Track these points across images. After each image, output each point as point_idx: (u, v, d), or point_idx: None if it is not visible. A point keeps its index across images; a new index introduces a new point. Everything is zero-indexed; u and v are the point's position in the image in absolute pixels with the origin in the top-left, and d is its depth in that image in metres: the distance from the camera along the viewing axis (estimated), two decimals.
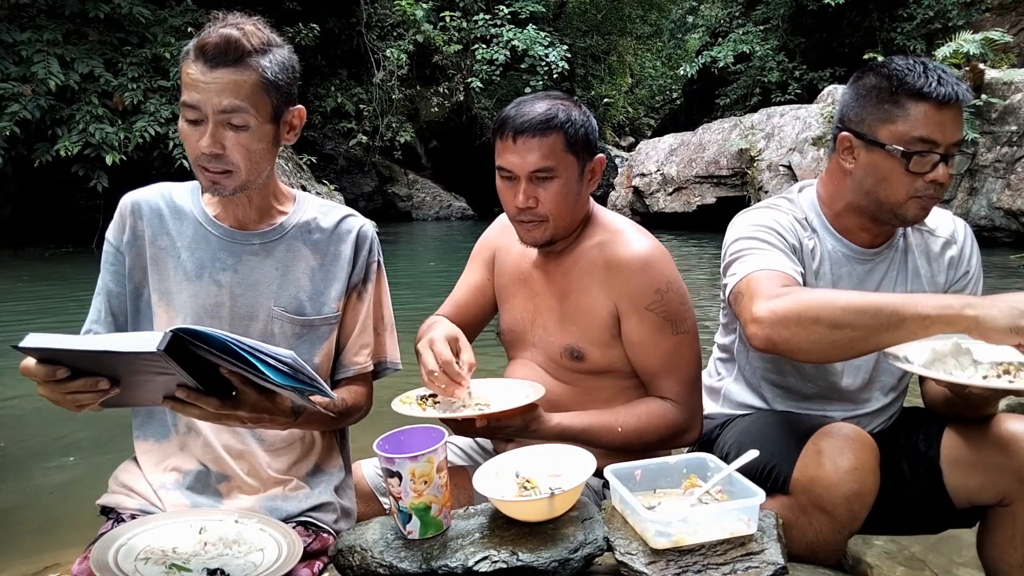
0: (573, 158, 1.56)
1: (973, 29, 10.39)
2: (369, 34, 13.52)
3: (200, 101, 1.31)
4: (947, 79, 1.45)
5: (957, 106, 1.45)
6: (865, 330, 1.30)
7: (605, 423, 1.56)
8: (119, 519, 1.41)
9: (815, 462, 1.40)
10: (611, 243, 1.62)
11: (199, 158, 1.35)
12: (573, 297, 1.64)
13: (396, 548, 1.25)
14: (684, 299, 1.62)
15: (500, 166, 1.58)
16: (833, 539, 1.43)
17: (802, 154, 10.53)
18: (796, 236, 1.59)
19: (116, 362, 1.10)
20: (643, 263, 1.58)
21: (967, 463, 1.52)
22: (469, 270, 1.88)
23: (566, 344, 1.64)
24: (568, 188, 1.57)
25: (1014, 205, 8.91)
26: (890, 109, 1.47)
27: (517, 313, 1.76)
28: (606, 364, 1.64)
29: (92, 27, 9.27)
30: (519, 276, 1.76)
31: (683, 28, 20.13)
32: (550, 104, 1.56)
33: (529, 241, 1.63)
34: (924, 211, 1.51)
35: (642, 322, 1.58)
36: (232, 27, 1.32)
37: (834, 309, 1.31)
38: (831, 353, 1.37)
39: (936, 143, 1.44)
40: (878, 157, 1.49)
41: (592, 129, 1.60)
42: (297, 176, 10.54)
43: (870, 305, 1.30)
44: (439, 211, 15.63)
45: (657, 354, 1.60)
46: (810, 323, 1.32)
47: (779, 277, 1.44)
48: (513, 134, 1.53)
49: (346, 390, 1.52)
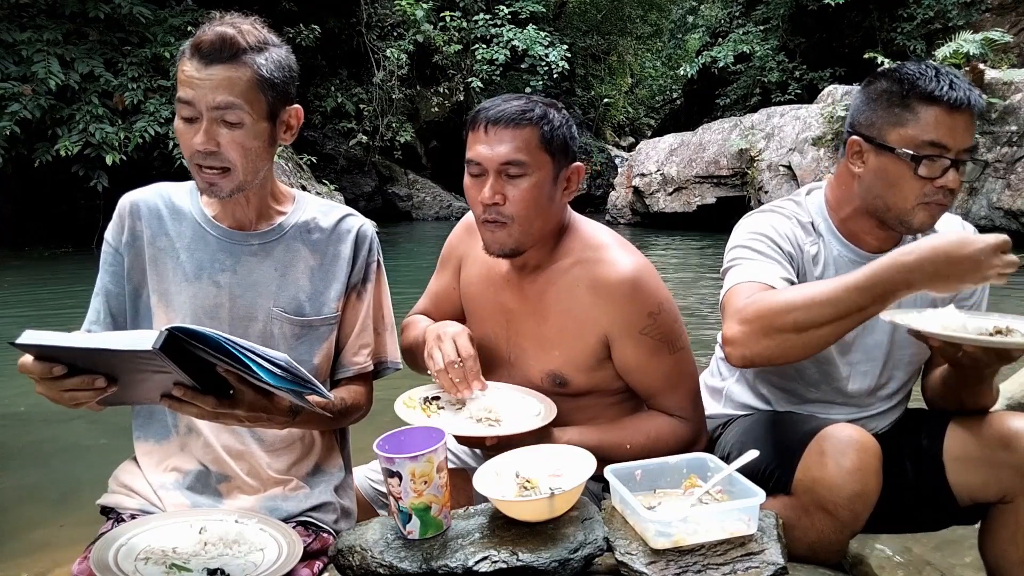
0: (547, 158, 1.46)
1: (973, 29, 10.38)
2: (369, 34, 13.51)
3: (194, 97, 1.31)
4: (959, 84, 1.44)
5: (969, 111, 1.44)
6: (830, 325, 1.32)
7: (614, 441, 1.52)
8: (119, 519, 1.41)
9: (818, 463, 1.40)
10: (595, 262, 1.52)
11: (194, 156, 1.35)
12: (553, 320, 1.56)
13: (396, 548, 1.25)
14: (676, 317, 1.56)
15: (469, 159, 1.48)
16: (835, 540, 1.43)
17: (802, 154, 10.52)
18: (795, 243, 1.58)
19: (113, 360, 1.10)
20: (632, 286, 1.49)
21: (970, 460, 1.52)
22: (437, 276, 1.79)
23: (548, 370, 1.58)
24: (539, 190, 1.46)
25: (1014, 205, 8.90)
26: (901, 113, 1.46)
27: (488, 329, 1.66)
28: (590, 387, 1.59)
29: (92, 27, 9.25)
30: (488, 288, 1.65)
31: (683, 28, 20.11)
32: (528, 100, 1.48)
33: (494, 247, 1.50)
34: (932, 219, 1.50)
35: (638, 347, 1.52)
36: (228, 25, 1.33)
37: (794, 313, 1.33)
38: (808, 351, 1.39)
39: (947, 147, 1.44)
40: (887, 161, 1.48)
41: (571, 135, 1.51)
42: (297, 176, 10.53)
43: (828, 297, 1.31)
44: (439, 211, 15.61)
45: (657, 376, 1.56)
46: (775, 333, 1.34)
47: (758, 289, 1.44)
48: (485, 124, 1.45)
49: (346, 390, 1.52)
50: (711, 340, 1.96)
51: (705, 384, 1.86)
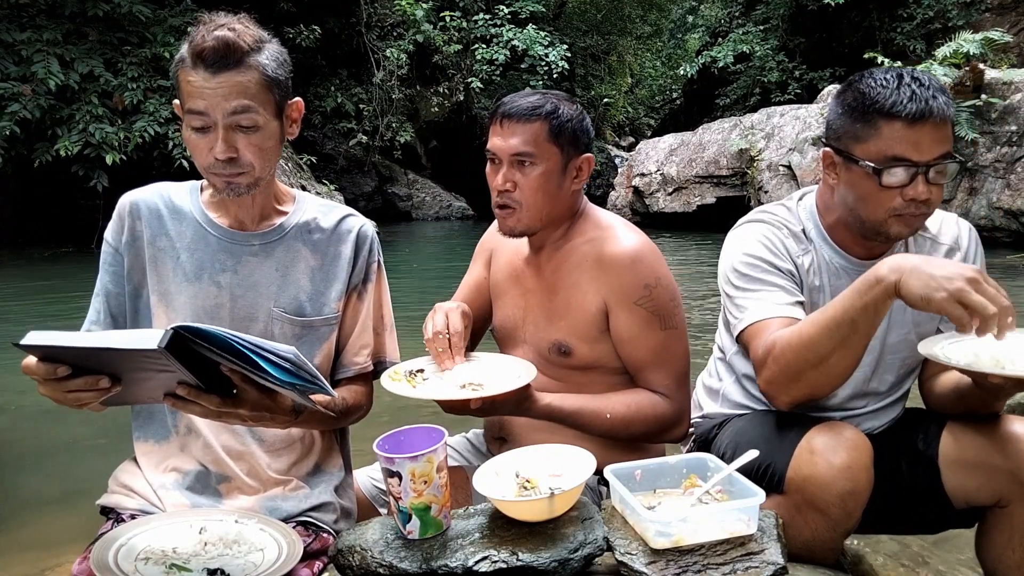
0: (556, 149, 1.58)
1: (973, 29, 10.38)
2: (369, 34, 13.50)
3: (207, 107, 1.31)
4: (921, 94, 1.39)
5: (932, 121, 1.39)
6: (843, 350, 1.35)
7: (595, 408, 1.58)
8: (119, 519, 1.41)
9: (808, 461, 1.40)
10: (601, 239, 1.64)
11: (212, 165, 1.35)
12: (562, 293, 1.66)
13: (396, 548, 1.25)
14: (674, 295, 1.62)
15: (487, 149, 1.63)
16: (829, 538, 1.43)
17: (802, 154, 10.52)
18: (790, 256, 1.58)
19: (117, 359, 1.10)
20: (632, 258, 1.59)
21: (965, 463, 1.51)
22: (471, 269, 1.91)
23: (554, 339, 1.66)
24: (547, 179, 1.59)
25: (1014, 205, 8.90)
26: (863, 128, 1.44)
27: (509, 310, 1.77)
28: (593, 359, 1.64)
29: (92, 27, 9.26)
30: (512, 273, 1.77)
31: (683, 28, 20.13)
32: (543, 96, 1.61)
33: (505, 229, 1.65)
34: (909, 228, 1.47)
35: (631, 317, 1.59)
36: (223, 28, 1.31)
37: (806, 353, 1.37)
38: (838, 378, 1.42)
39: (910, 161, 1.40)
40: (855, 175, 1.47)
41: (583, 128, 1.62)
42: (297, 176, 10.53)
43: (829, 325, 1.35)
44: (439, 211, 15.62)
45: (646, 349, 1.61)
46: (799, 375, 1.40)
47: (779, 326, 1.46)
48: (500, 118, 1.60)
49: (346, 390, 1.52)
50: (709, 341, 1.96)
51: (703, 385, 1.87)
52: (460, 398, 1.43)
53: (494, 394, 1.43)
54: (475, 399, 1.42)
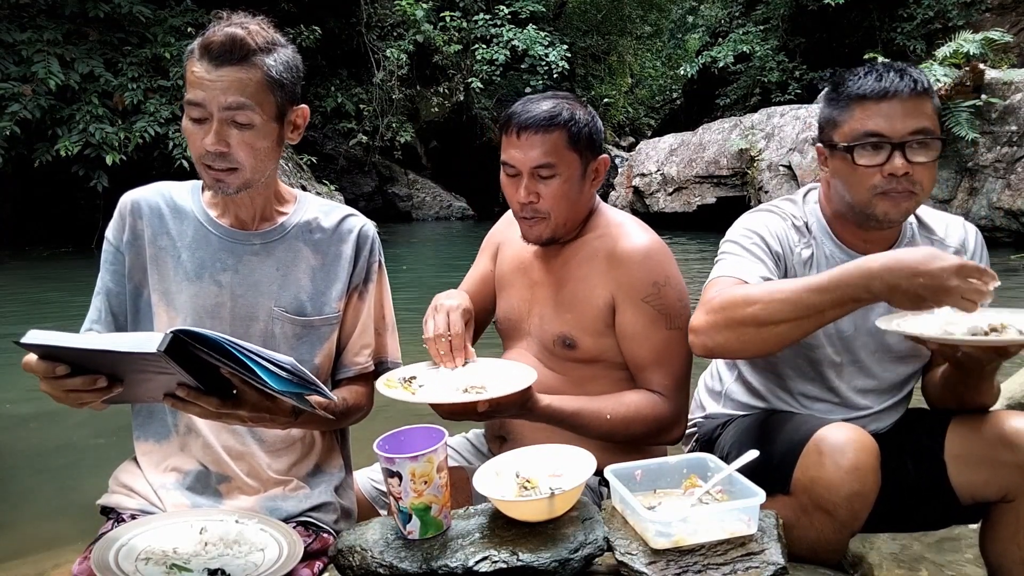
0: (575, 156, 1.58)
1: (973, 29, 10.36)
2: (369, 34, 13.50)
3: (205, 99, 1.31)
4: (888, 75, 1.48)
5: (900, 96, 1.46)
6: (788, 323, 1.35)
7: (594, 409, 1.57)
8: (119, 519, 1.41)
9: (816, 462, 1.40)
10: (614, 235, 1.64)
11: (203, 156, 1.35)
12: (570, 285, 1.66)
13: (396, 548, 1.25)
14: (682, 295, 1.62)
15: (504, 161, 1.61)
16: (834, 539, 1.43)
17: (802, 154, 10.52)
18: (786, 244, 1.60)
19: (117, 361, 1.11)
20: (644, 255, 1.60)
21: (971, 458, 1.52)
22: (477, 261, 1.91)
23: (559, 332, 1.66)
24: (569, 186, 1.59)
25: (1014, 205, 8.89)
26: (839, 114, 1.53)
27: (515, 302, 1.77)
28: (597, 353, 1.64)
29: (92, 27, 9.25)
30: (519, 265, 1.77)
31: (683, 28, 20.12)
32: (555, 102, 1.59)
33: (532, 237, 1.65)
34: (895, 206, 1.50)
35: (637, 313, 1.59)
36: (237, 26, 1.33)
37: (753, 308, 1.36)
38: (767, 347, 1.42)
39: (883, 135, 1.46)
40: (838, 161, 1.53)
41: (597, 129, 1.63)
42: (297, 176, 10.53)
43: (787, 295, 1.34)
44: (439, 211, 15.61)
45: (649, 347, 1.60)
46: (735, 325, 1.38)
47: (733, 283, 1.47)
48: (517, 130, 1.57)
49: (347, 390, 1.52)
50: None
51: (705, 386, 1.88)
52: (465, 401, 1.42)
53: (499, 396, 1.42)
54: (482, 402, 1.42)
